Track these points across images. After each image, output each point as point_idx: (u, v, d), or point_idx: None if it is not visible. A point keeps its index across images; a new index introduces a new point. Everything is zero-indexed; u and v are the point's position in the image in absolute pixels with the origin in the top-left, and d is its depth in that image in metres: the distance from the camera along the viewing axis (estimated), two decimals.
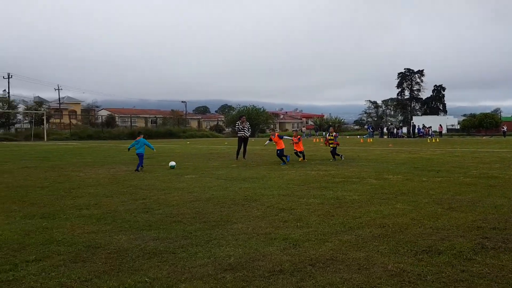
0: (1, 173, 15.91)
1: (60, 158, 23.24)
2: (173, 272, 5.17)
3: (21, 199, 10.16)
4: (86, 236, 6.82)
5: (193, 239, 6.60)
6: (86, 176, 14.64)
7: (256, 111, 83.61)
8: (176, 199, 10.01)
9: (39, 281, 4.91)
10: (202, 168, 17.11)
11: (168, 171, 15.98)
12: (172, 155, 25.58)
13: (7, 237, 6.77)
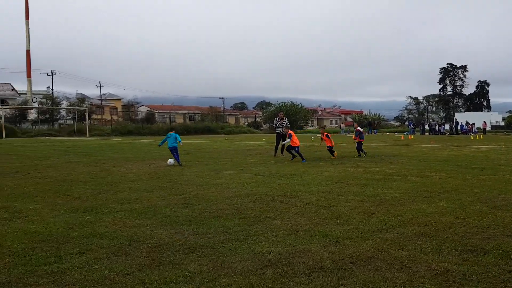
0: (46, 167, 16.35)
1: (101, 153, 23.73)
2: (213, 267, 5.19)
3: (65, 193, 10.41)
4: (127, 230, 6.93)
5: (232, 234, 6.63)
6: (127, 171, 14.89)
7: (294, 107, 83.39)
8: (215, 195, 10.07)
9: (82, 273, 5.02)
10: (241, 164, 17.16)
11: (207, 167, 16.11)
12: (210, 151, 25.76)
13: (52, 230, 6.95)
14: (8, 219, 7.70)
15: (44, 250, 5.88)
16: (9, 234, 6.66)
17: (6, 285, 4.67)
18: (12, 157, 21.27)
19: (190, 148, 28.48)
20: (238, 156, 21.34)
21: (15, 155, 22.73)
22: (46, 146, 31.84)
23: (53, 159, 20.16)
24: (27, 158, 20.89)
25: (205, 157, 21.13)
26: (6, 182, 12.36)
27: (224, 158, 20.32)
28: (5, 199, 9.65)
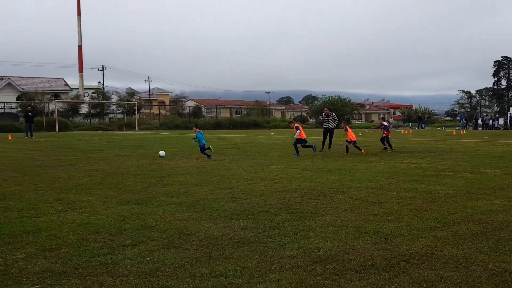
0: (98, 160, 16.77)
1: (150, 147, 24.14)
2: (262, 262, 5.19)
3: (116, 186, 10.64)
4: (177, 223, 7.02)
5: (281, 229, 6.61)
6: (175, 165, 15.09)
7: (342, 101, 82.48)
8: (262, 189, 10.07)
9: (135, 265, 5.11)
10: (287, 159, 17.12)
11: (254, 161, 16.14)
12: (256, 145, 25.82)
13: (104, 221, 7.11)
14: (63, 211, 7.93)
15: (98, 241, 6.02)
16: (64, 225, 6.86)
17: (62, 275, 4.81)
18: (65, 150, 21.93)
19: (236, 143, 28.62)
20: (284, 151, 21.29)
21: (68, 148, 23.41)
22: (97, 140, 32.68)
23: (104, 152, 20.66)
24: (79, 151, 21.49)
25: (251, 151, 21.18)
26: (60, 174, 12.74)
27: (270, 152, 20.31)
28: (59, 191, 9.95)
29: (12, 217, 7.44)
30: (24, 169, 13.92)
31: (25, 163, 15.69)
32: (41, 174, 12.74)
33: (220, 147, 23.70)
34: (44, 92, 70.08)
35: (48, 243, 5.93)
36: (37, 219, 7.28)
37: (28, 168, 14.32)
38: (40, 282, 4.62)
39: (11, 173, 13.08)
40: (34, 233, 6.45)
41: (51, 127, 51.85)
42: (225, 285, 4.52)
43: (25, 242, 6.01)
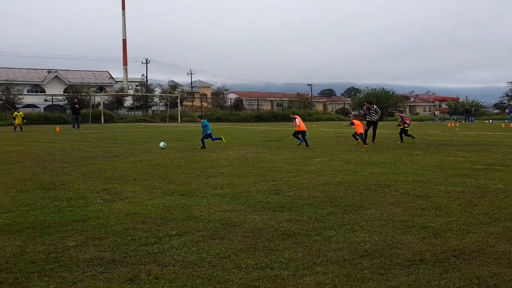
0: (142, 152, 17.05)
1: (193, 139, 24.38)
2: (308, 255, 5.16)
3: (161, 177, 10.79)
4: (222, 214, 7.06)
5: (325, 222, 6.56)
6: (218, 157, 15.19)
7: (385, 94, 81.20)
8: (306, 182, 10.02)
9: (181, 254, 5.16)
10: (330, 152, 16.98)
11: (296, 154, 16.08)
12: None
13: (151, 212, 7.22)
14: (110, 201, 8.10)
15: (145, 231, 6.12)
16: (112, 215, 7.00)
17: (111, 263, 4.90)
18: (111, 142, 22.39)
19: (277, 135, 28.59)
20: (327, 143, 21.14)
21: (114, 140, 23.90)
22: (141, 132, 33.22)
23: (148, 144, 20.99)
24: (124, 142, 21.91)
25: (293, 144, 21.09)
26: (107, 165, 13.02)
27: (313, 145, 20.19)
28: (106, 181, 10.16)
29: (62, 206, 7.65)
30: (72, 160, 14.28)
31: (73, 154, 16.10)
32: (89, 165, 13.05)
33: (261, 140, 23.73)
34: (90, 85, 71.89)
35: (97, 232, 6.06)
36: (86, 208, 7.45)
37: (76, 159, 14.69)
38: (90, 269, 4.73)
39: (60, 163, 13.45)
40: (83, 222, 6.60)
41: (96, 119, 53.02)
42: (271, 277, 4.51)
43: (75, 230, 6.16)
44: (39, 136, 27.85)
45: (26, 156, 15.50)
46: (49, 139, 25.00)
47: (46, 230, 6.17)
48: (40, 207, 7.53)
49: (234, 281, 4.42)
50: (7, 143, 21.38)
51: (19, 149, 18.24)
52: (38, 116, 52.54)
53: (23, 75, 79.60)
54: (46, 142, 22.15)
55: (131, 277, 4.50)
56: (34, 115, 53.14)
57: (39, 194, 8.65)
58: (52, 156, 15.55)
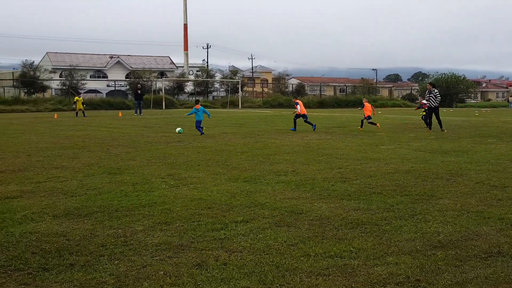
0: (205, 138, 17.34)
1: (255, 125, 24.54)
2: (378, 244, 5.11)
3: (225, 163, 10.95)
4: (287, 201, 7.09)
5: (395, 212, 6.47)
6: (281, 144, 15.22)
7: (455, 79, 78.58)
8: (373, 170, 9.91)
9: (248, 241, 5.23)
10: (398, 139, 16.67)
11: (362, 141, 15.89)
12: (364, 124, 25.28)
13: (215, 197, 7.35)
14: (175, 186, 8.30)
15: (211, 216, 6.23)
16: (178, 200, 7.17)
17: (178, 248, 5.03)
18: (173, 127, 22.84)
19: (341, 121, 28.31)
20: (394, 131, 20.76)
21: (176, 126, 24.36)
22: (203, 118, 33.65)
23: (210, 130, 21.28)
24: (186, 128, 22.30)
25: (358, 130, 20.85)
26: (170, 150, 13.33)
27: (379, 132, 19.87)
28: (171, 167, 10.41)
29: (128, 191, 7.90)
30: (136, 145, 14.71)
31: (137, 139, 16.57)
32: (152, 150, 13.40)
33: (325, 126, 23.57)
34: (152, 70, 73.33)
35: (164, 217, 6.23)
36: (152, 193, 7.67)
37: (140, 144, 15.12)
38: (159, 254, 4.88)
39: (125, 148, 13.88)
40: (150, 206, 6.80)
41: (158, 105, 54.20)
42: (341, 266, 4.51)
43: (142, 215, 6.35)
44: (102, 121, 28.81)
45: (91, 141, 16.10)
46: (112, 124, 25.82)
47: (114, 214, 6.41)
48: (107, 192, 7.82)
49: (303, 269, 4.44)
50: (72, 128, 22.26)
51: (84, 134, 18.96)
52: (100, 101, 54.03)
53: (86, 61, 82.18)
54: (109, 127, 22.91)
55: (199, 262, 4.61)
56: (97, 100, 54.65)
57: (105, 179, 8.97)
58: (116, 141, 16.06)
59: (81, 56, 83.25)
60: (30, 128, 22.31)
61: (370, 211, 6.53)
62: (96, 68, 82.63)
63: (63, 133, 19.26)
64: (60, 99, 53.19)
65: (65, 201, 7.19)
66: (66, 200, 7.22)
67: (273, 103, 64.22)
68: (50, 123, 26.38)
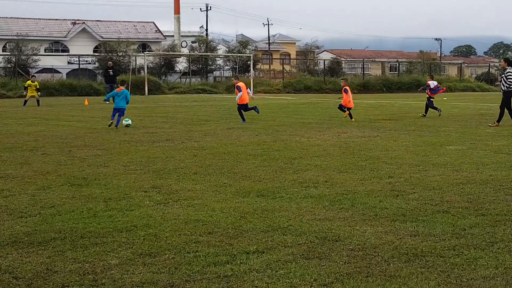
0: (203, 135, 17.41)
1: (273, 117, 24.58)
2: (444, 284, 5.14)
3: (231, 170, 10.99)
4: (318, 224, 7.11)
5: (468, 238, 6.48)
6: (308, 143, 15.24)
7: None
8: (436, 180, 9.91)
9: (264, 280, 5.26)
10: (471, 136, 16.63)
11: (421, 139, 15.87)
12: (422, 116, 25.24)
13: (219, 218, 7.38)
14: (163, 202, 8.34)
15: (212, 245, 6.26)
16: (166, 223, 7.21)
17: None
18: (160, 121, 22.98)
19: (392, 112, 28.28)
20: (465, 124, 20.69)
21: (164, 118, 24.51)
22: (201, 106, 33.85)
23: (211, 123, 21.36)
24: (178, 122, 22.41)
25: (415, 124, 20.82)
26: (156, 153, 13.40)
27: (444, 126, 19.83)
28: (156, 176, 10.46)
29: (99, 209, 7.96)
30: (108, 145, 14.80)
31: (110, 138, 16.67)
32: (131, 152, 13.48)
33: (369, 118, 23.55)
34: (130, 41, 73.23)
35: (147, 246, 6.27)
36: (131, 213, 7.72)
37: (114, 144, 15.21)
38: None
39: (93, 150, 13.98)
40: (128, 231, 6.85)
41: (138, 89, 54.22)
42: None
43: (118, 243, 6.40)
44: (62, 112, 29.01)
45: (46, 139, 16.23)
46: (76, 116, 26.01)
47: (78, 242, 6.46)
48: (69, 211, 7.88)
49: None
50: (21, 122, 22.47)
51: (37, 130, 19.12)
52: (59, 84, 53.95)
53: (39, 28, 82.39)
54: (72, 121, 23.07)
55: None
56: (54, 83, 54.62)
57: (66, 193, 9.04)
58: (81, 140, 16.17)
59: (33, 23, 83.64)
60: None
61: (433, 236, 6.55)
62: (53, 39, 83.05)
63: (7, 129, 19.44)
64: (3, 81, 53.11)
65: (11, 223, 7.26)
66: (13, 223, 7.29)
67: (298, 86, 64.22)
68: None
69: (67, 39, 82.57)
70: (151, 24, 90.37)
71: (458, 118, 23.73)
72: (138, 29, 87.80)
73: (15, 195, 8.85)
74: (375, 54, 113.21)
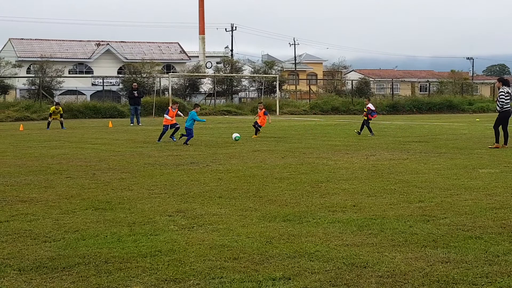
0: (229, 157, 17.47)
1: (299, 139, 24.60)
2: None
3: (256, 194, 11.02)
4: (346, 249, 7.10)
5: (502, 265, 6.44)
6: (336, 166, 15.23)
7: None
8: (469, 204, 9.86)
9: None
10: (505, 159, 16.52)
11: (452, 162, 15.79)
12: (454, 138, 25.14)
13: (245, 244, 7.40)
14: (188, 227, 8.38)
15: (237, 271, 6.28)
16: (191, 248, 7.25)
17: None
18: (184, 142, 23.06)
19: (423, 134, 28.14)
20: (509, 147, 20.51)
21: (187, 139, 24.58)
22: (225, 128, 33.93)
23: (236, 146, 21.42)
24: (203, 144, 22.52)
25: (447, 146, 20.71)
26: (180, 176, 13.47)
27: (477, 149, 19.70)
28: (181, 199, 10.52)
29: (123, 233, 8.02)
30: (132, 169, 14.92)
31: (134, 160, 16.79)
32: (155, 176, 13.57)
33: (398, 141, 23.46)
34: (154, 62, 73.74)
35: (172, 271, 6.31)
36: (155, 238, 7.77)
37: (138, 167, 15.32)
38: None
39: (117, 173, 14.09)
40: (152, 256, 6.89)
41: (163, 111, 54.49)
42: None
43: (142, 268, 6.44)
44: (86, 134, 29.28)
45: (70, 163, 16.39)
46: (99, 139, 26.20)
47: (102, 267, 6.51)
48: (93, 235, 7.95)
49: None
50: (45, 145, 22.71)
51: (61, 153, 19.31)
52: (83, 106, 54.43)
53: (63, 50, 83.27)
54: (96, 144, 23.27)
55: None
56: (78, 105, 55.07)
57: (90, 217, 9.12)
58: (105, 163, 16.31)
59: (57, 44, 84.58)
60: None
61: (465, 263, 6.51)
62: (78, 60, 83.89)
63: (31, 152, 19.65)
64: (27, 103, 53.56)
65: (35, 248, 7.33)
66: (37, 247, 7.36)
67: (325, 107, 64.16)
68: (13, 138, 26.96)
69: (91, 60, 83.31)
70: (176, 44, 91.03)
71: (491, 140, 23.52)
72: (163, 50, 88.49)
73: (39, 219, 8.95)
74: (404, 73, 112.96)
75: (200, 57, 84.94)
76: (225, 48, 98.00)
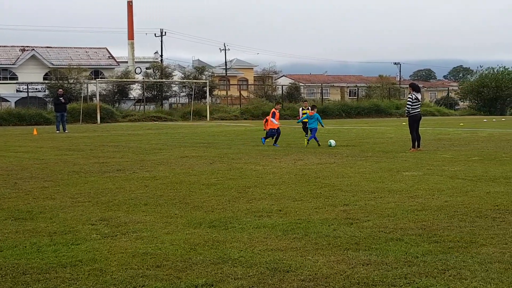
0: (156, 164, 17.35)
1: (229, 145, 24.62)
2: None
3: (183, 200, 10.98)
4: (270, 254, 7.14)
5: (420, 266, 6.58)
6: (264, 171, 15.30)
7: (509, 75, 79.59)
8: (391, 207, 10.03)
9: None
10: (428, 162, 16.86)
11: (378, 165, 16.05)
12: (381, 141, 25.58)
13: (168, 251, 7.37)
14: (111, 236, 8.29)
15: (160, 279, 6.26)
16: (113, 256, 7.17)
17: None
18: (111, 150, 22.83)
19: (350, 138, 28.54)
20: (423, 150, 20.95)
21: (115, 147, 24.36)
22: (155, 135, 33.71)
23: (164, 152, 21.29)
24: (130, 151, 22.29)
25: (373, 150, 21.04)
26: (105, 183, 13.32)
27: (402, 152, 20.08)
28: (105, 208, 10.40)
29: (43, 243, 7.87)
30: (56, 177, 14.65)
31: (58, 168, 16.51)
32: (80, 184, 13.37)
33: (326, 145, 23.71)
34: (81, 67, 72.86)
35: (92, 281, 6.24)
36: (76, 247, 7.66)
37: (62, 175, 15.06)
38: None
39: (40, 182, 13.82)
40: (73, 266, 6.80)
41: (90, 117, 54.03)
42: None
43: (61, 279, 6.34)
44: (8, 142, 28.62)
45: None
46: (23, 146, 25.66)
47: (20, 278, 6.39)
48: (11, 246, 7.77)
49: None
50: None
51: None
52: (7, 113, 53.40)
53: None
54: (19, 152, 22.75)
55: None
56: (2, 112, 54.09)
57: (9, 227, 8.91)
58: (27, 171, 15.99)
59: None
60: None
61: (385, 265, 6.62)
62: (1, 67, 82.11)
63: None
64: None
65: None
66: None
67: (256, 112, 64.37)
68: None
69: (16, 66, 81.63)
70: (104, 50, 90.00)
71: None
72: (90, 55, 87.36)
73: None
74: (334, 79, 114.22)
75: (129, 62, 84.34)
76: (154, 54, 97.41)
